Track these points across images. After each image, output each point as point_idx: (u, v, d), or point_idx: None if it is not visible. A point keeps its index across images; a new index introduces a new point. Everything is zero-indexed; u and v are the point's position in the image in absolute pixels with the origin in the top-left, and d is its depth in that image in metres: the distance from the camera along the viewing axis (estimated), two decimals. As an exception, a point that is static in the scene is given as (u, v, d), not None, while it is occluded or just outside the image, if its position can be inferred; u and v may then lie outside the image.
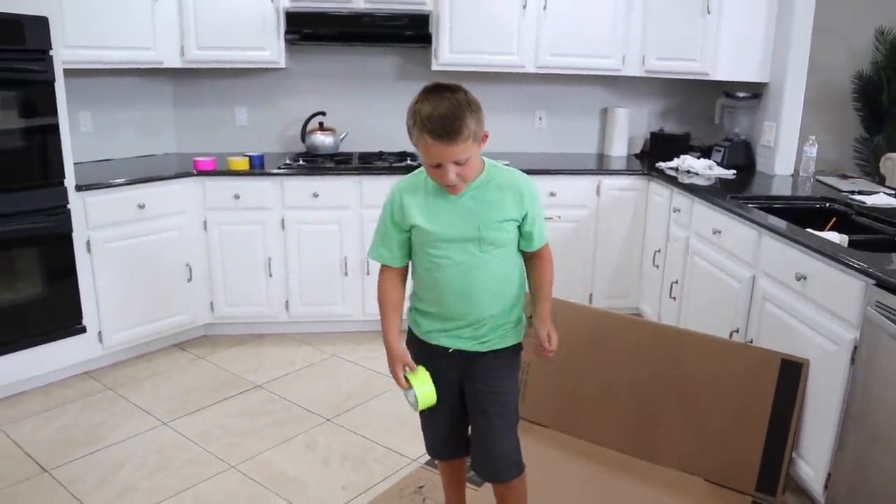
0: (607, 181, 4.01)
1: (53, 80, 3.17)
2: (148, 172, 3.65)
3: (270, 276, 3.84)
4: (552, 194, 3.94)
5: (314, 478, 2.70)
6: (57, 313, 3.30)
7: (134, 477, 2.69)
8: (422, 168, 1.88)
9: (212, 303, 3.86)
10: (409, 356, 1.98)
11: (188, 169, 3.71)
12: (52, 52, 3.14)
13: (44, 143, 3.18)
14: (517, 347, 2.06)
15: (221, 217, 3.75)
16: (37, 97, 3.13)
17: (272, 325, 3.99)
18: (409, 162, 3.96)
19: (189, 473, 2.72)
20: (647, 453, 2.82)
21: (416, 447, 2.82)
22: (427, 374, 1.93)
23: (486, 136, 1.83)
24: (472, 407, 2.05)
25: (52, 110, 3.18)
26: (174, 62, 3.84)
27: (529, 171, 2.21)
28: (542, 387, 3.07)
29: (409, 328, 2.07)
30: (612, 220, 4.05)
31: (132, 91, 4.11)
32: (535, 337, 2.06)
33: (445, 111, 1.70)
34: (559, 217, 3.96)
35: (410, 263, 2.01)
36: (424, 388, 1.90)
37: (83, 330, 3.39)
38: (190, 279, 3.74)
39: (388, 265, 1.99)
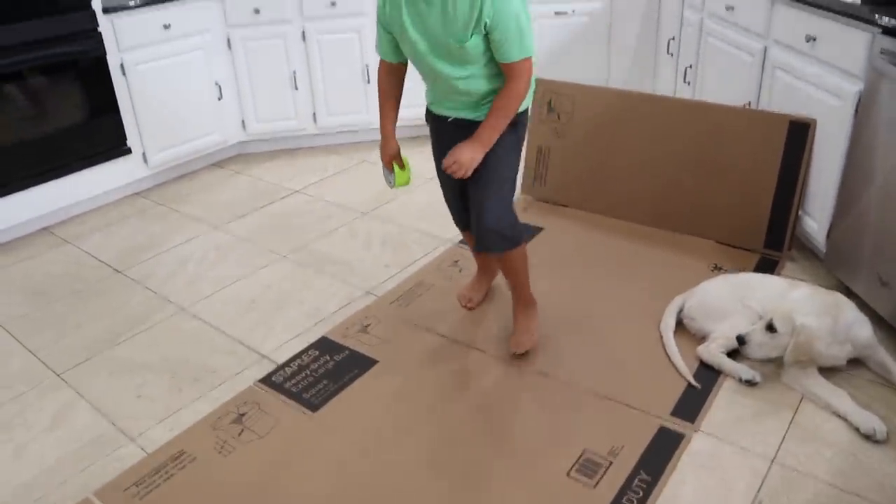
0: (620, -31, 3.98)
1: None
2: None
3: (296, 89, 3.97)
4: (566, -13, 3.93)
5: (358, 258, 2.99)
6: (102, 136, 3.49)
7: (199, 269, 3.00)
8: None
9: (243, 121, 4.03)
10: (398, 150, 2.29)
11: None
12: None
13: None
14: (515, 119, 2.09)
15: (244, 33, 3.83)
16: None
17: (302, 137, 4.17)
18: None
19: (246, 263, 3.02)
20: (664, 222, 3.04)
21: (449, 231, 3.07)
22: (408, 163, 2.33)
23: None
24: (471, 179, 2.13)
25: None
26: None
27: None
28: (562, 168, 3.26)
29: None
30: (626, 11, 4.05)
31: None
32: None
33: None
34: (573, 11, 3.97)
35: None
36: (403, 172, 2.32)
37: (128, 151, 3.60)
38: (220, 97, 3.88)
39: (384, 59, 2.19)
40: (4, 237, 3.33)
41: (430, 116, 2.28)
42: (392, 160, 2.30)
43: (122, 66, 3.47)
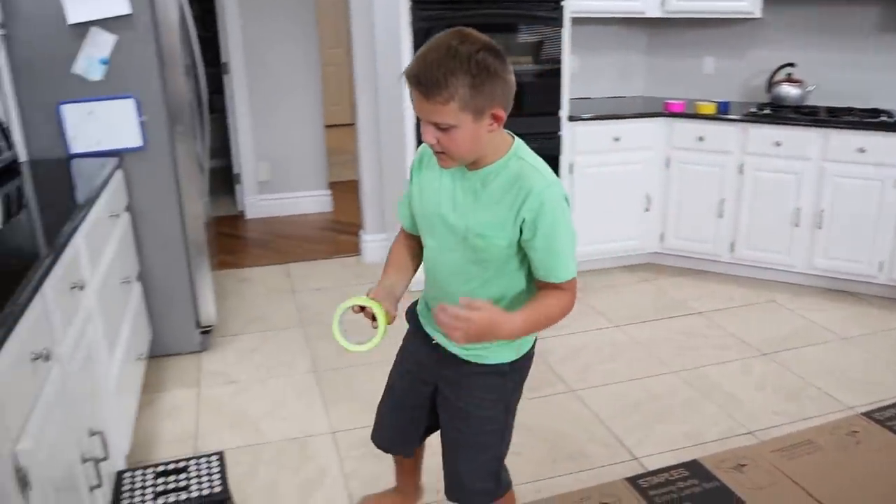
0: None
1: (562, 25, 3.77)
2: (621, 110, 4.12)
3: (720, 216, 4.06)
4: None
5: (748, 397, 2.93)
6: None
7: (593, 358, 3.24)
8: None
9: (662, 234, 4.24)
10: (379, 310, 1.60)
11: (658, 110, 4.08)
12: (563, 2, 3.74)
13: (549, 78, 3.83)
14: (505, 370, 1.69)
15: (683, 156, 4.07)
16: (547, 40, 3.77)
17: (715, 263, 4.23)
18: (882, 118, 3.77)
19: (636, 367, 3.16)
20: None
21: (852, 396, 2.85)
22: (384, 329, 1.60)
23: (498, 119, 1.46)
24: (441, 419, 1.79)
25: (558, 52, 3.80)
26: (654, 12, 4.21)
27: None
28: None
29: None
30: None
31: (611, 39, 4.61)
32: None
33: (435, 57, 1.38)
34: None
35: None
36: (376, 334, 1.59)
37: (555, 239, 4.05)
38: (647, 209, 4.16)
39: (403, 227, 1.80)
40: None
41: (414, 322, 1.84)
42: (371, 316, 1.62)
43: (571, 165, 3.94)
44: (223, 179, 5.86)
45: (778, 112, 4.00)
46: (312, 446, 2.60)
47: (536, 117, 3.84)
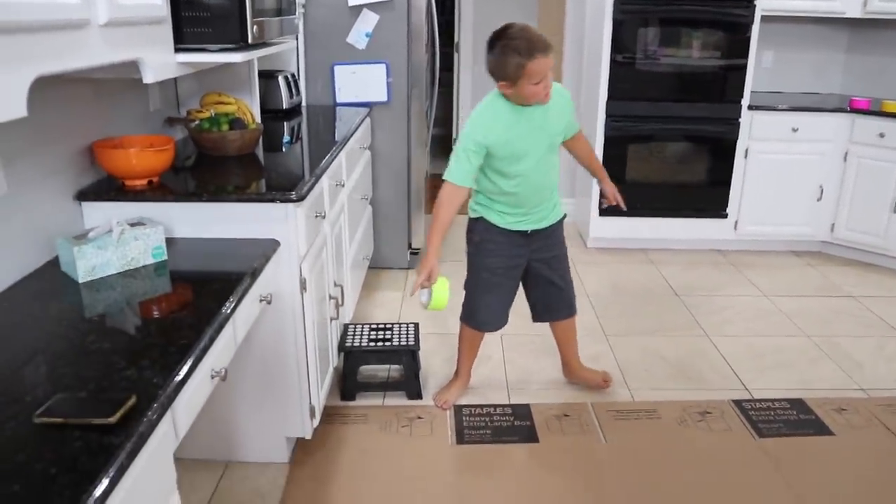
0: None
1: (751, 22, 4.17)
2: (807, 105, 4.41)
3: (894, 212, 4.24)
4: None
5: (873, 365, 3.25)
6: (710, 198, 4.45)
7: (735, 316, 3.70)
8: (492, 101, 2.39)
9: (833, 224, 4.48)
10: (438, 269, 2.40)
11: (844, 106, 4.33)
12: (756, 2, 4.13)
13: (733, 69, 4.24)
14: (563, 217, 2.69)
15: (862, 151, 4.29)
16: (736, 35, 4.19)
17: (883, 257, 4.40)
18: None
19: (772, 328, 3.57)
20: None
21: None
22: (447, 285, 2.38)
23: None
24: (545, 272, 2.67)
25: (745, 46, 4.20)
26: (855, 13, 4.43)
27: None
28: None
29: (483, 223, 2.57)
30: None
31: (809, 36, 4.85)
32: (606, 195, 2.77)
33: (536, 34, 2.20)
34: None
35: (481, 175, 2.49)
36: (442, 292, 2.36)
37: (725, 216, 4.48)
38: (820, 199, 4.43)
39: (462, 186, 2.41)
40: (619, 245, 4.57)
41: (499, 233, 2.57)
42: (432, 277, 2.38)
43: (746, 150, 4.34)
44: (443, 146, 6.79)
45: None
46: (484, 339, 3.35)
47: (719, 104, 4.28)
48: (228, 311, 1.61)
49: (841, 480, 2.46)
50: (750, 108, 4.29)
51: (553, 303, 2.78)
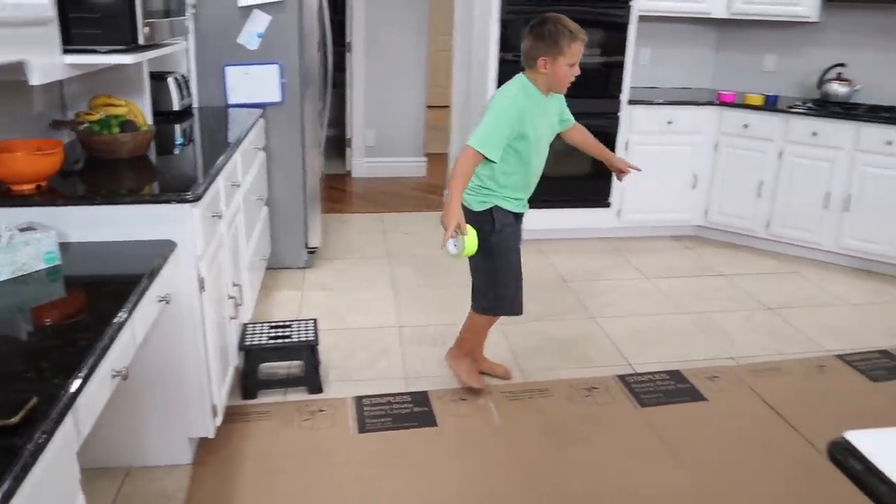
0: None
1: (629, 22, 4.44)
2: (680, 99, 4.73)
3: (759, 196, 4.62)
4: None
5: (742, 337, 3.56)
6: (594, 190, 4.70)
7: (618, 299, 3.95)
8: (520, 79, 2.58)
9: (706, 209, 4.84)
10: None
11: (713, 100, 4.67)
12: (632, 3, 4.40)
13: (613, 66, 4.51)
14: None
15: (730, 141, 4.65)
16: (615, 34, 4.45)
17: (751, 238, 4.78)
18: (918, 116, 4.22)
19: (652, 308, 3.85)
20: None
21: (836, 346, 3.43)
22: (473, 231, 2.45)
23: None
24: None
25: (623, 44, 4.47)
26: (720, 13, 4.78)
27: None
28: None
29: (497, 211, 2.65)
30: None
31: (682, 35, 5.20)
32: (618, 168, 3.07)
33: (571, 24, 2.54)
34: None
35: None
36: (472, 239, 2.43)
37: (608, 205, 4.75)
38: (694, 186, 4.77)
39: (489, 155, 2.49)
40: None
41: (508, 216, 2.68)
42: (460, 226, 2.41)
43: (626, 143, 4.61)
44: (336, 146, 6.84)
45: (821, 107, 4.50)
46: (382, 334, 3.46)
47: (600, 99, 4.54)
48: (127, 311, 1.65)
49: (714, 438, 2.72)
50: (630, 102, 4.56)
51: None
